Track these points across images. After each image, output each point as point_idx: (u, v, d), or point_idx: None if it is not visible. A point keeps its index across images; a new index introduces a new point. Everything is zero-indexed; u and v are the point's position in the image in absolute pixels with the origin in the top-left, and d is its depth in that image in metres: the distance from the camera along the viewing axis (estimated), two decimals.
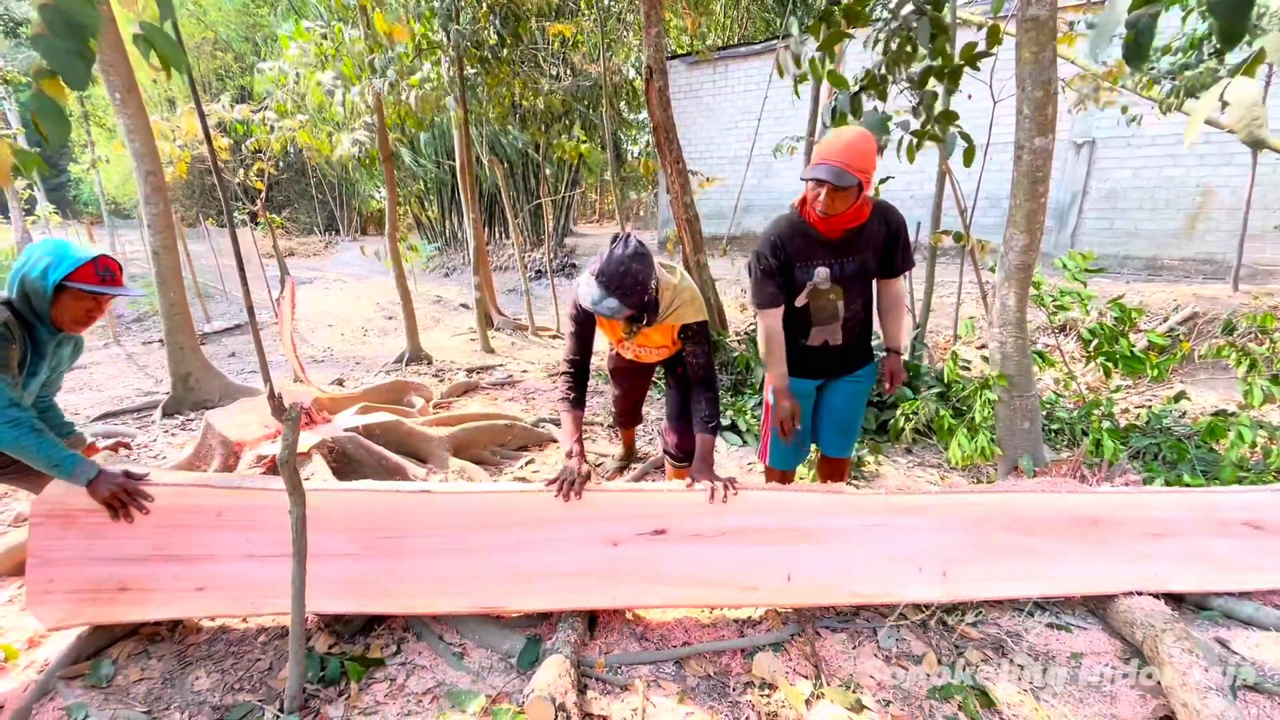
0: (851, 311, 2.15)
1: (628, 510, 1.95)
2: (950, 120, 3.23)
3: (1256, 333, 4.51)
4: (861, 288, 2.15)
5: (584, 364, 2.22)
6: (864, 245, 2.08)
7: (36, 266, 1.70)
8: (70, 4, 0.92)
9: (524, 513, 1.94)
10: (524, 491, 1.99)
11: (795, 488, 2.11)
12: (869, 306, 2.22)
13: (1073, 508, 2.05)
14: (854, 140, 1.90)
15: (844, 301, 2.12)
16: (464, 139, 5.94)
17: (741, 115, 11.82)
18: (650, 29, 4.64)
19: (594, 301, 1.92)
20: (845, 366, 2.26)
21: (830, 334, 2.17)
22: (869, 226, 2.07)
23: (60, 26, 0.89)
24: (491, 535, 1.93)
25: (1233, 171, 7.47)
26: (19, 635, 2.03)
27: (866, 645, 1.98)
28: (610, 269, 1.88)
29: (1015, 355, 2.74)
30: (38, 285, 1.71)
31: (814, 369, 2.26)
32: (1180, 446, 2.92)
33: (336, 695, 1.78)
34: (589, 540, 1.93)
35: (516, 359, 5.80)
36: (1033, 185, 2.55)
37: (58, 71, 0.91)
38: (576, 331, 2.18)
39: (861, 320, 2.21)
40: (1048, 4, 2.36)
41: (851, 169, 1.86)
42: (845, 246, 2.07)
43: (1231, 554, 2.06)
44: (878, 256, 2.11)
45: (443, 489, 1.97)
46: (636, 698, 1.75)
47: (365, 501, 1.91)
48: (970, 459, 2.77)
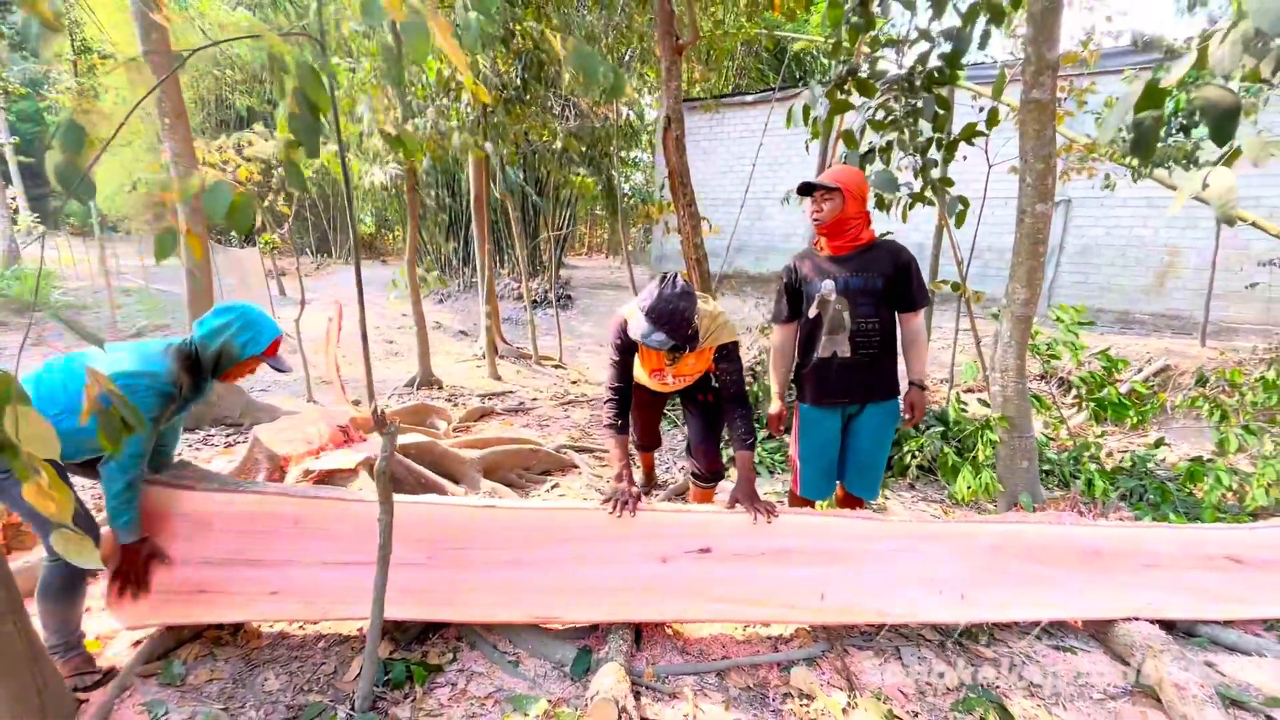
0: (858, 325, 2.31)
1: (676, 530, 2.11)
2: (947, 185, 3.54)
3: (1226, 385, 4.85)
4: (870, 305, 2.30)
5: (627, 391, 2.41)
6: (870, 266, 2.30)
7: (241, 335, 1.90)
8: (309, 84, 1.11)
9: (579, 528, 2.09)
10: (579, 509, 2.14)
11: (827, 513, 2.30)
12: (885, 333, 2.35)
13: (1077, 539, 2.25)
14: (840, 166, 2.33)
15: (850, 314, 2.30)
16: (481, 174, 6.18)
17: (736, 160, 12.32)
18: (670, 82, 4.95)
19: (644, 335, 2.11)
20: (862, 390, 2.38)
21: (838, 344, 2.33)
22: (875, 253, 2.32)
23: (303, 104, 1.08)
24: (548, 550, 2.07)
25: (1197, 234, 8.01)
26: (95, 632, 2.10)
27: (892, 662, 2.14)
28: (661, 306, 2.08)
29: (1015, 399, 2.98)
30: (234, 352, 1.91)
31: (831, 388, 2.39)
32: (1164, 489, 3.17)
33: (402, 698, 1.89)
34: (640, 556, 2.08)
35: (525, 386, 5.94)
36: (1033, 245, 2.83)
37: (301, 142, 1.10)
38: (619, 361, 2.38)
39: (873, 341, 2.33)
40: (1048, 89, 2.67)
41: (834, 179, 2.26)
42: (851, 263, 2.32)
43: (1216, 585, 2.28)
44: (889, 283, 2.30)
45: (505, 504, 2.12)
46: (686, 704, 1.89)
47: (434, 513, 2.05)
48: (975, 494, 2.98)
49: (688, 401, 2.78)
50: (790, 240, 11.78)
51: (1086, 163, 4.95)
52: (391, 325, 9.68)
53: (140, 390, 1.75)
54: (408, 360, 6.99)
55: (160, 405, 1.80)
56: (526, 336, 7.56)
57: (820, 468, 2.49)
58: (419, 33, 1.08)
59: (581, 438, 4.46)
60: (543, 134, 7.41)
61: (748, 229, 11.77)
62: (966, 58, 3.25)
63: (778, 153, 11.24)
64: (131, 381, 1.74)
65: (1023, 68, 2.74)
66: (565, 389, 5.93)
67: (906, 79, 3.38)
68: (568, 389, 5.94)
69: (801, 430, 2.50)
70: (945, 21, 3.28)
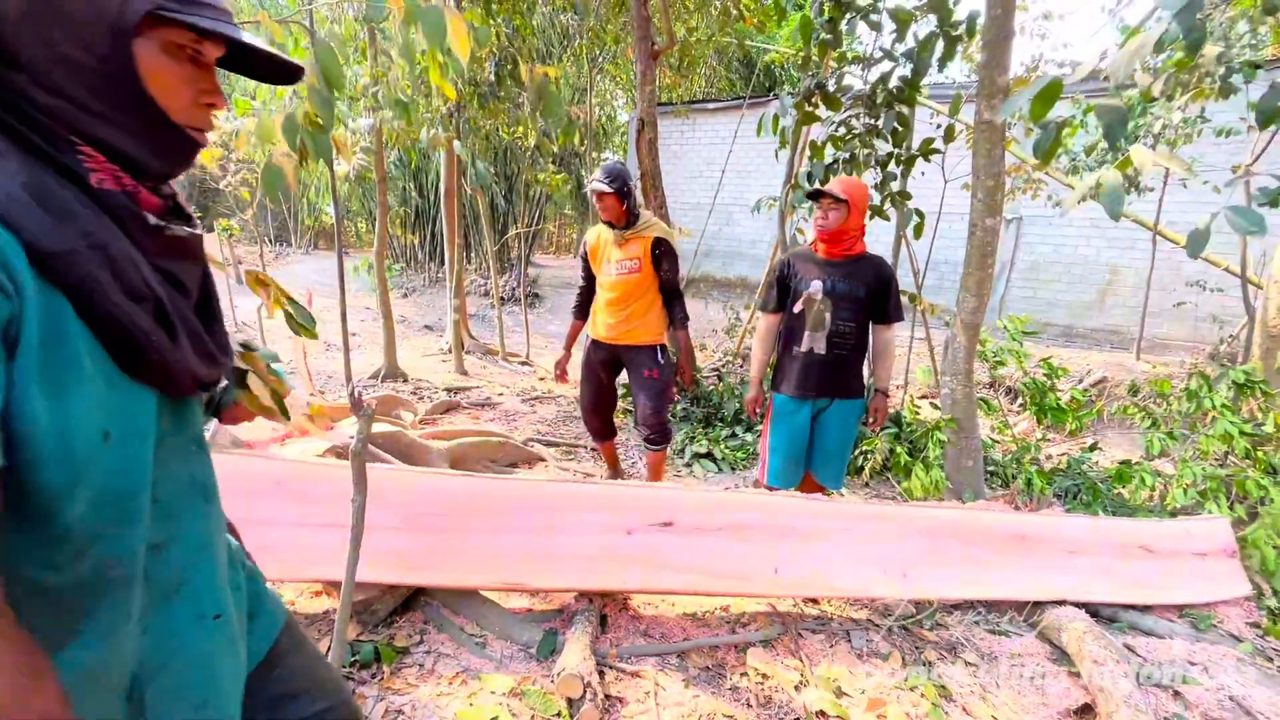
0: (836, 326, 2.55)
1: (641, 503, 2.23)
2: (905, 199, 3.73)
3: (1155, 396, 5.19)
4: (850, 310, 2.54)
5: (590, 287, 3.20)
6: (857, 276, 2.54)
7: None
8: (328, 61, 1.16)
9: (550, 500, 2.19)
10: (551, 481, 2.24)
11: (779, 493, 2.43)
12: (858, 337, 2.59)
13: (1004, 525, 2.46)
14: (850, 179, 2.58)
15: (830, 314, 2.54)
16: (451, 168, 6.17)
17: (706, 165, 12.50)
18: (645, 86, 5.06)
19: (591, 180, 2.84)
20: (831, 386, 2.60)
21: (816, 341, 2.57)
22: (864, 265, 2.55)
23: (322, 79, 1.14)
24: (521, 519, 2.15)
25: (1135, 255, 8.50)
26: None
27: (841, 645, 2.27)
28: (605, 166, 2.88)
29: (963, 401, 3.16)
30: None
31: (804, 382, 2.61)
32: (1096, 488, 3.39)
33: (369, 678, 1.92)
34: (607, 528, 2.18)
35: (491, 381, 5.95)
36: (983, 257, 3.01)
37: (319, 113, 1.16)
38: (583, 266, 3.20)
39: (848, 344, 2.57)
40: (999, 111, 2.85)
41: (844, 191, 2.48)
42: (840, 269, 2.54)
43: (1132, 572, 2.49)
44: (870, 294, 2.53)
45: (481, 476, 2.19)
46: (647, 682, 1.97)
47: (413, 481, 2.11)
48: (925, 492, 3.15)
49: (635, 378, 3.09)
50: (757, 247, 12.02)
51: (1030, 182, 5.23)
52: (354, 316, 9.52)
53: None
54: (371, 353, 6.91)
55: None
56: (493, 333, 7.55)
57: (789, 456, 2.67)
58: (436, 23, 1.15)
59: (548, 432, 4.51)
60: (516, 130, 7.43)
61: (716, 234, 11.95)
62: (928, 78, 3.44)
63: (747, 161, 11.46)
64: None
65: (977, 90, 2.92)
66: (532, 385, 5.96)
67: (869, 96, 3.54)
68: (534, 385, 5.97)
69: (774, 418, 2.69)
70: (908, 43, 3.46)
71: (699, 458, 4.09)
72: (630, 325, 2.99)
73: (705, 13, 7.19)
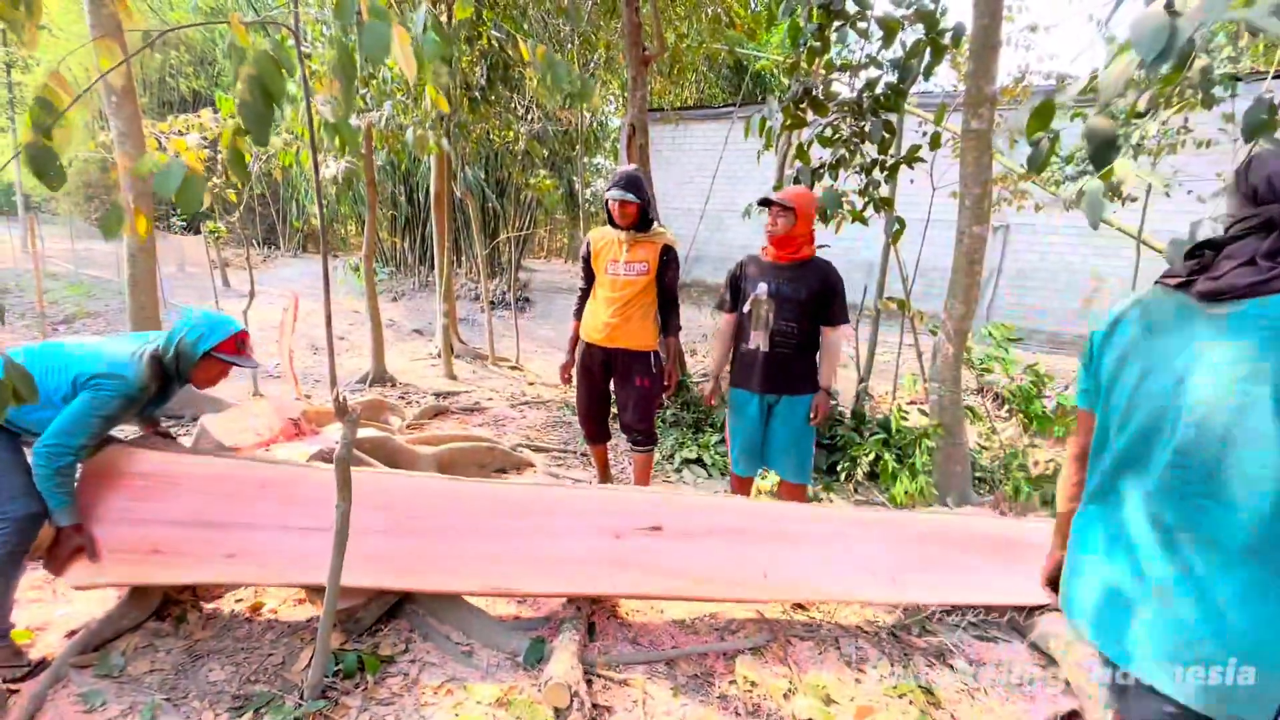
0: (779, 326, 2.68)
1: (629, 508, 2.22)
2: (888, 205, 3.75)
3: None
4: (792, 312, 2.66)
5: (588, 289, 3.17)
6: (801, 279, 2.66)
7: (192, 334, 1.96)
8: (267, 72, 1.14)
9: (537, 504, 2.18)
10: (538, 485, 2.21)
11: (768, 500, 2.43)
12: (802, 337, 2.69)
13: (993, 530, 2.47)
14: (797, 188, 2.82)
15: (773, 315, 2.67)
16: (441, 172, 6.14)
17: (697, 171, 12.54)
18: (636, 92, 5.07)
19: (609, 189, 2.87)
20: (776, 382, 2.71)
21: (760, 339, 2.71)
22: (809, 270, 2.68)
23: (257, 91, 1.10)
24: (508, 523, 2.13)
25: (1119, 263, 8.59)
26: None
27: (830, 652, 2.26)
28: (622, 172, 2.94)
29: (951, 407, 3.18)
30: (189, 352, 1.95)
31: (751, 376, 2.75)
32: None
33: (354, 687, 1.89)
34: (596, 532, 2.17)
35: (480, 386, 5.91)
36: (970, 264, 3.03)
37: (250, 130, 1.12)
38: (584, 267, 3.15)
39: (790, 343, 2.68)
40: (986, 120, 2.88)
41: (790, 199, 2.63)
42: (786, 273, 2.68)
43: None
44: (811, 297, 2.65)
45: (469, 480, 2.17)
46: (636, 690, 1.95)
47: (398, 484, 2.09)
48: (912, 497, 3.15)
49: (627, 384, 3.10)
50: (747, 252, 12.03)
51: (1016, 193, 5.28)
52: (342, 320, 9.45)
53: (105, 389, 1.83)
54: (359, 357, 6.85)
55: (121, 407, 1.87)
56: (483, 337, 7.51)
57: (744, 446, 2.81)
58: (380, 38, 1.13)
59: (537, 437, 4.49)
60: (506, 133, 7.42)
61: (707, 240, 11.98)
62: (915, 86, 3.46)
63: (737, 167, 11.50)
64: (98, 381, 1.82)
65: (964, 99, 2.95)
66: (521, 390, 5.93)
67: (856, 102, 3.56)
68: (524, 390, 5.94)
69: (730, 410, 2.85)
70: (895, 51, 3.48)
71: (689, 463, 4.08)
72: (628, 327, 3.00)
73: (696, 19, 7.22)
